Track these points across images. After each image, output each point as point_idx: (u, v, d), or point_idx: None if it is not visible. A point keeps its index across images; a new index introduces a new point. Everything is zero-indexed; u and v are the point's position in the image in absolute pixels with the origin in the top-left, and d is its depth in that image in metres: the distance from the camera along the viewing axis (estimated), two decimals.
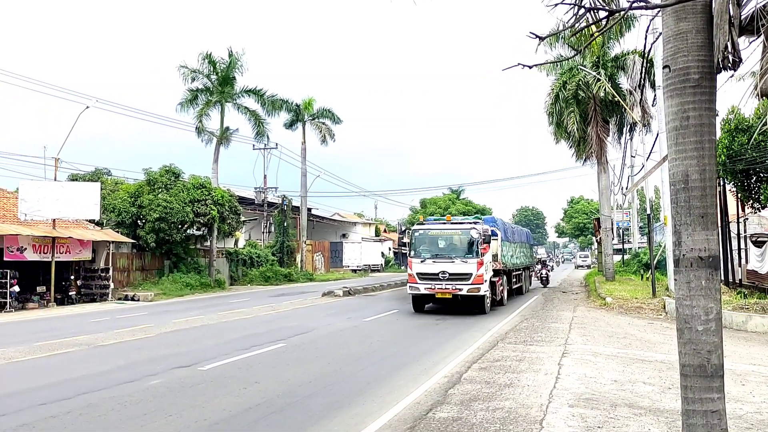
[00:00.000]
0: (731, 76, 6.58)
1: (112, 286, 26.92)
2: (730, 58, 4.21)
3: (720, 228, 17.68)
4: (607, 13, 4.77)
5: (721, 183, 18.55)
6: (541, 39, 4.51)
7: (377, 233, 71.21)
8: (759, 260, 18.00)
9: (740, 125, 16.26)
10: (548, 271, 33.99)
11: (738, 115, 16.49)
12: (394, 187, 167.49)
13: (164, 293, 28.14)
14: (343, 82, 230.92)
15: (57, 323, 18.25)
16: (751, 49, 4.66)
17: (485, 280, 17.83)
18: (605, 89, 26.88)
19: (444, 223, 19.42)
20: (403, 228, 34.64)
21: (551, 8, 4.35)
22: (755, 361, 10.31)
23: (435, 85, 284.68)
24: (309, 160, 45.66)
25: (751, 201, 17.43)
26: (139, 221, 30.32)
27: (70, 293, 25.60)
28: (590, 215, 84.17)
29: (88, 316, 20.18)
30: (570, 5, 4.44)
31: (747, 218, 21.17)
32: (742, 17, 4.41)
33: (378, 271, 58.36)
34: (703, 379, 4.40)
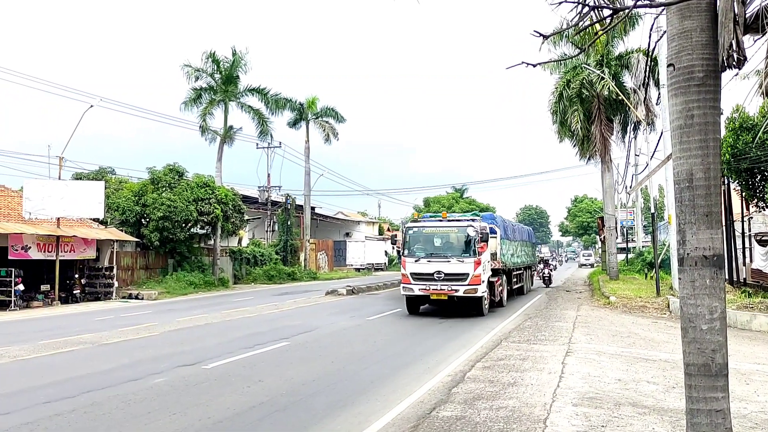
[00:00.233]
0: (736, 75, 6.56)
1: (116, 284, 27.00)
2: (735, 56, 4.19)
3: (724, 227, 17.66)
4: (612, 11, 4.75)
5: (726, 182, 18.50)
6: (545, 37, 4.50)
7: (381, 232, 71.19)
8: (763, 259, 17.97)
9: (745, 124, 16.21)
10: (551, 270, 32.87)
11: (742, 114, 16.44)
12: (396, 186, 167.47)
13: (168, 292, 28.21)
14: (345, 82, 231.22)
15: (61, 322, 18.31)
16: (755, 48, 4.66)
17: (483, 281, 17.00)
18: (609, 88, 26.81)
19: (440, 221, 18.52)
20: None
21: (555, 7, 4.34)
22: (760, 360, 10.29)
23: (437, 85, 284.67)
24: (312, 158, 45.70)
25: (756, 200, 17.38)
26: (143, 220, 30.39)
27: (74, 292, 25.68)
28: (594, 214, 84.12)
29: (92, 315, 20.24)
30: (574, 3, 4.43)
31: (751, 217, 21.12)
32: (747, 15, 4.39)
33: (381, 269, 58.34)
34: (707, 378, 4.39)
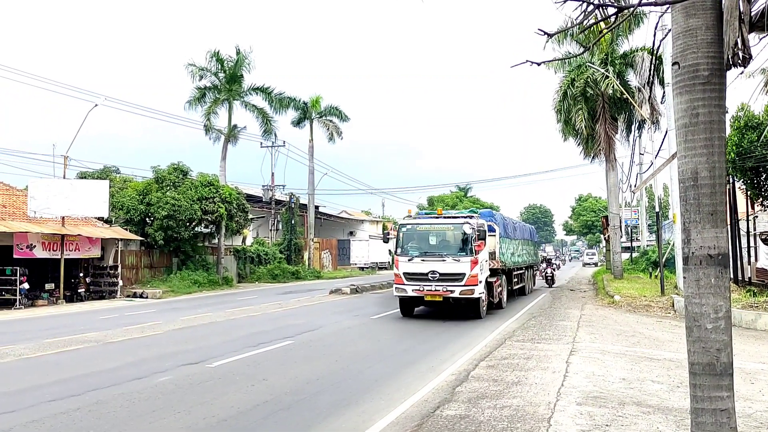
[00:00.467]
0: (741, 73, 6.54)
1: (120, 283, 27.07)
2: (740, 54, 4.18)
3: (729, 226, 17.59)
4: (616, 9, 4.75)
5: (731, 180, 18.44)
6: (550, 36, 4.49)
7: (384, 231, 71.23)
8: None
9: (750, 122, 16.16)
10: (553, 269, 31.97)
11: (748, 112, 16.38)
12: (399, 185, 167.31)
13: (172, 290, 28.27)
14: (348, 82, 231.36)
15: (66, 320, 18.38)
16: (761, 46, 4.65)
17: (480, 281, 16.04)
18: (614, 86, 26.74)
19: (434, 218, 17.68)
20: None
21: (560, 5, 4.34)
22: (765, 359, 10.25)
23: (439, 85, 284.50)
24: (316, 157, 45.73)
25: (761, 198, 17.32)
26: (147, 219, 30.46)
27: (79, 290, 25.76)
28: (598, 213, 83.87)
29: (97, 313, 20.30)
30: (579, 2, 4.42)
31: (756, 216, 21.03)
32: (752, 13, 4.38)
33: (385, 268, 58.31)
34: (712, 378, 4.38)
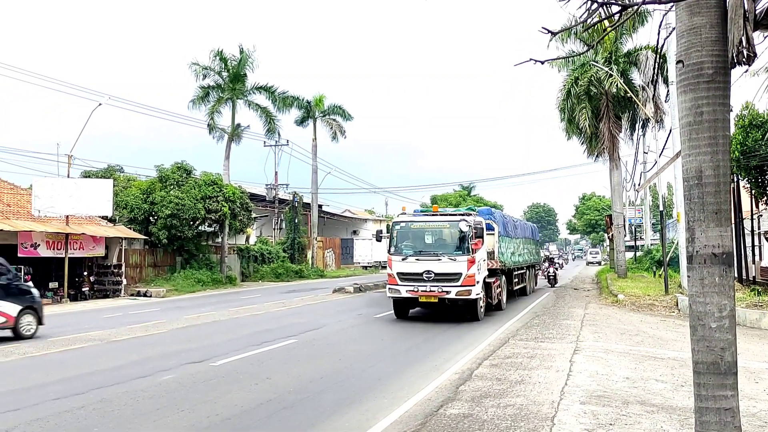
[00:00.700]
0: (745, 72, 6.52)
1: (124, 282, 27.14)
2: (745, 53, 4.16)
3: (734, 224, 17.54)
4: (620, 7, 4.73)
5: (735, 179, 18.39)
6: (554, 34, 4.49)
7: (389, 230, 71.18)
8: None
9: (754, 121, 16.11)
10: (556, 269, 31.14)
11: (752, 111, 16.34)
12: (402, 184, 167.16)
13: (176, 289, 28.34)
14: (350, 81, 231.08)
15: (70, 319, 18.44)
16: (766, 44, 4.62)
17: (477, 281, 15.36)
18: (617, 85, 26.67)
19: (430, 215, 17.08)
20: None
21: (564, 3, 4.33)
22: None
23: (440, 84, 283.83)
24: (319, 156, 45.74)
25: (765, 197, 17.27)
26: (151, 218, 30.53)
27: (83, 289, 25.84)
28: (602, 212, 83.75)
29: (100, 312, 20.36)
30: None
31: (761, 215, 20.97)
32: (757, 11, 4.36)
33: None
34: (716, 377, 4.37)
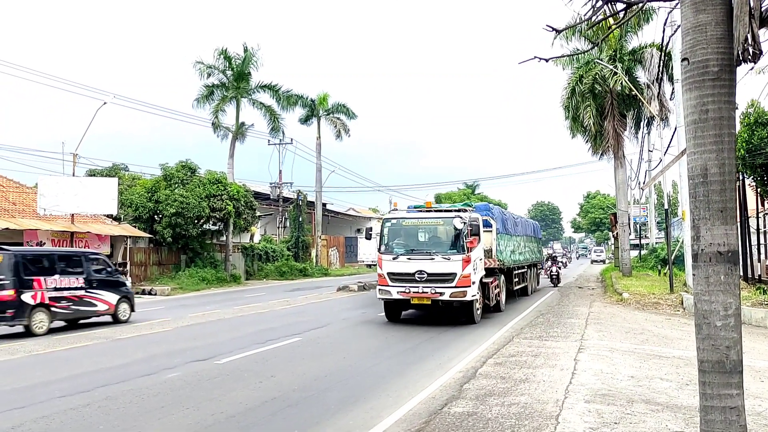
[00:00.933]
0: (751, 69, 6.50)
1: (129, 280, 27.22)
2: (750, 50, 4.15)
3: (739, 223, 17.48)
4: (625, 5, 4.72)
5: (741, 177, 18.31)
6: (558, 32, 4.48)
7: None
8: None
9: (760, 119, 16.03)
10: (559, 268, 30.03)
11: (758, 109, 16.26)
12: (405, 182, 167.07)
13: (181, 287, 28.41)
14: (353, 81, 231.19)
15: None
16: None
17: (473, 282, 14.44)
18: (622, 83, 26.61)
19: (423, 211, 16.13)
20: None
21: (569, 1, 4.32)
22: None
23: (441, 83, 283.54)
24: (324, 155, 45.81)
25: None
26: (155, 216, 30.60)
27: None
28: (607, 210, 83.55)
29: None
30: None
31: (766, 213, 20.88)
32: (763, 9, 4.33)
33: None
34: (721, 375, 4.35)
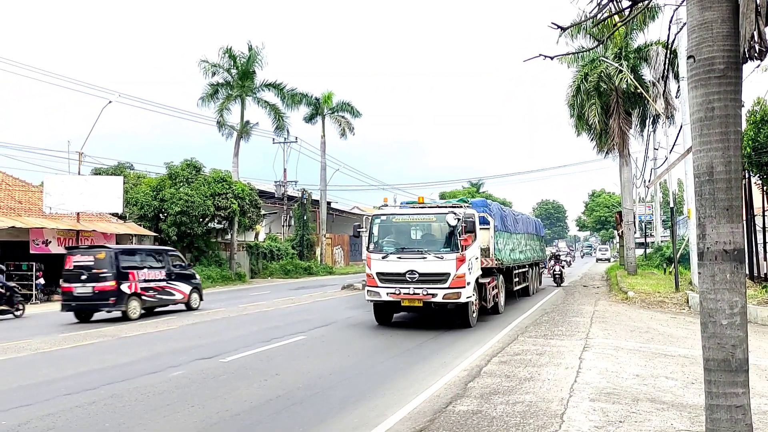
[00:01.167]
0: (757, 66, 6.47)
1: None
2: (757, 48, 4.13)
3: (745, 221, 17.41)
4: (631, 2, 4.70)
5: (746, 175, 18.23)
6: (563, 29, 4.47)
7: None
8: None
9: (766, 117, 15.94)
10: (562, 267, 28.98)
11: (764, 107, 16.18)
12: (408, 181, 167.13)
13: None
14: (354, 80, 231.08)
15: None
16: None
17: (468, 282, 13.49)
18: (628, 81, 26.53)
19: (415, 207, 15.20)
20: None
21: None
22: None
23: (442, 83, 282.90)
24: (328, 154, 45.86)
25: None
26: (161, 215, 30.69)
27: None
28: (612, 209, 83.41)
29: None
30: None
31: None
32: None
33: None
34: (727, 374, 4.34)
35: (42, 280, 23.42)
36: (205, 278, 30.19)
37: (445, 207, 14.93)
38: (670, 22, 7.62)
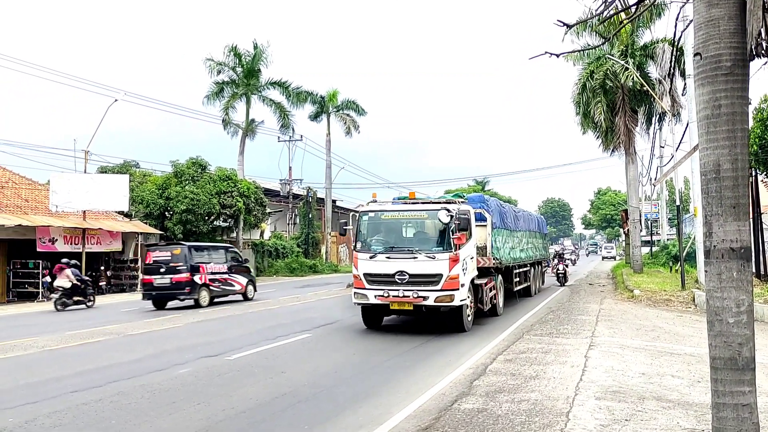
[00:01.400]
0: (765, 64, 6.43)
1: (140, 276, 27.38)
2: (764, 45, 4.11)
3: (752, 219, 17.32)
4: (637, 0, 4.69)
5: (753, 173, 18.15)
6: (569, 27, 4.45)
7: None
8: None
9: None
10: (566, 266, 27.91)
11: None
12: (412, 179, 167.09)
13: None
14: (357, 80, 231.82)
15: (88, 313, 18.65)
16: None
17: (462, 284, 12.57)
18: (634, 78, 26.43)
19: (405, 203, 14.20)
20: None
21: None
22: None
23: (445, 82, 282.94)
24: (333, 152, 45.88)
25: None
26: (166, 213, 30.79)
27: (100, 284, 26.09)
28: (618, 207, 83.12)
29: (117, 306, 20.59)
30: None
31: None
32: None
33: None
34: (733, 372, 4.33)
35: (48, 279, 23.51)
36: None
37: (438, 203, 13.71)
38: (677, 19, 7.59)
